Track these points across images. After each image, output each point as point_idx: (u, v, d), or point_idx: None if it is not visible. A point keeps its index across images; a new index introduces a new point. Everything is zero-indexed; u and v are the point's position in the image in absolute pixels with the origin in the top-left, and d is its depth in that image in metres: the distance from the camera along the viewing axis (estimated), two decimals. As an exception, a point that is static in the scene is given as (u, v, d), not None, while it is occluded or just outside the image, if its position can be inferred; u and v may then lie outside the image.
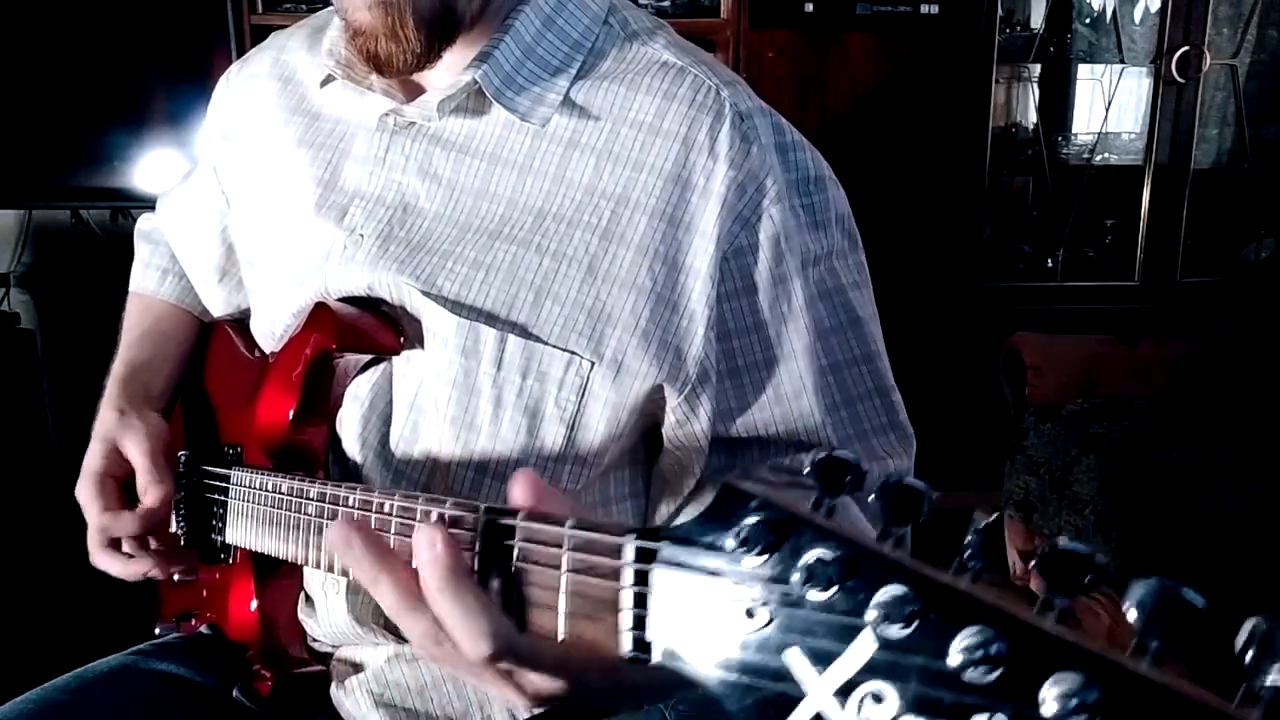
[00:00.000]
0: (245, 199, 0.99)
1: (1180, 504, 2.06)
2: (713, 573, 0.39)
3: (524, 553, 0.53)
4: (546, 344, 0.77)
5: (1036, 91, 3.14)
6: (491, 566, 0.54)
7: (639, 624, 0.43)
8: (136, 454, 0.91)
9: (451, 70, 0.83)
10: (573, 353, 0.77)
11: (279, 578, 0.88)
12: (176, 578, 0.97)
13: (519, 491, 0.55)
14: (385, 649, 0.86)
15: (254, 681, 0.89)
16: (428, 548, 0.52)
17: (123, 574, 0.94)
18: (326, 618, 0.87)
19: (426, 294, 0.79)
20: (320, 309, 0.82)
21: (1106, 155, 3.15)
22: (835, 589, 0.34)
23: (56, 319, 2.80)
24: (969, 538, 0.34)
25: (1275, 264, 3.18)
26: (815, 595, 0.34)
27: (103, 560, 0.93)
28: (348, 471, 0.85)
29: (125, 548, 0.94)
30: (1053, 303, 3.08)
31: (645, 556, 0.42)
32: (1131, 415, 2.44)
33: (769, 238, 0.78)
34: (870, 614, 0.33)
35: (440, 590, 0.52)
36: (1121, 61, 3.07)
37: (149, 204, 1.16)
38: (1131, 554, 2.14)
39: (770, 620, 0.36)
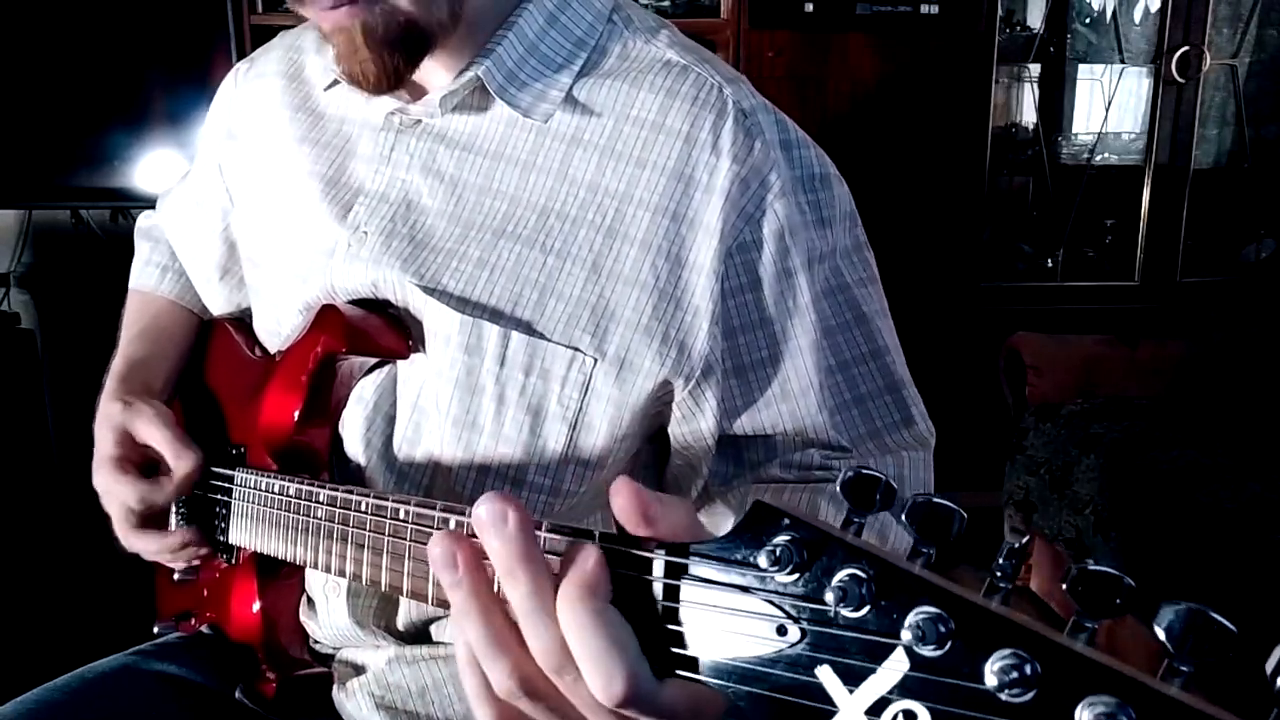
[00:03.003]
0: (249, 197, 0.99)
1: (1180, 504, 2.06)
2: (744, 589, 0.39)
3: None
4: (550, 340, 0.77)
5: (1036, 91, 3.14)
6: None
7: (670, 639, 0.43)
8: (154, 431, 0.90)
9: (453, 69, 0.83)
10: (576, 349, 0.77)
11: (281, 579, 0.88)
12: (177, 576, 0.97)
13: (622, 502, 0.46)
14: (386, 651, 0.87)
15: (258, 682, 0.89)
16: (579, 564, 0.46)
17: (160, 548, 0.92)
18: (328, 620, 0.88)
19: (429, 291, 0.79)
20: (328, 311, 0.82)
21: (1106, 155, 3.16)
22: (868, 607, 0.34)
23: (56, 319, 2.80)
24: (1000, 560, 0.34)
25: (1275, 264, 3.19)
26: (848, 613, 0.35)
27: (136, 540, 0.91)
28: (349, 473, 0.85)
29: (158, 522, 0.92)
30: (1053, 303, 3.09)
31: (675, 571, 0.43)
32: (1131, 415, 2.44)
33: (773, 232, 0.78)
34: (904, 634, 0.33)
35: (589, 612, 0.44)
36: (1121, 61, 3.08)
37: (149, 204, 1.16)
38: (1131, 554, 2.14)
39: (802, 637, 0.36)
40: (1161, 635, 0.31)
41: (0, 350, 2.50)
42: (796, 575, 0.37)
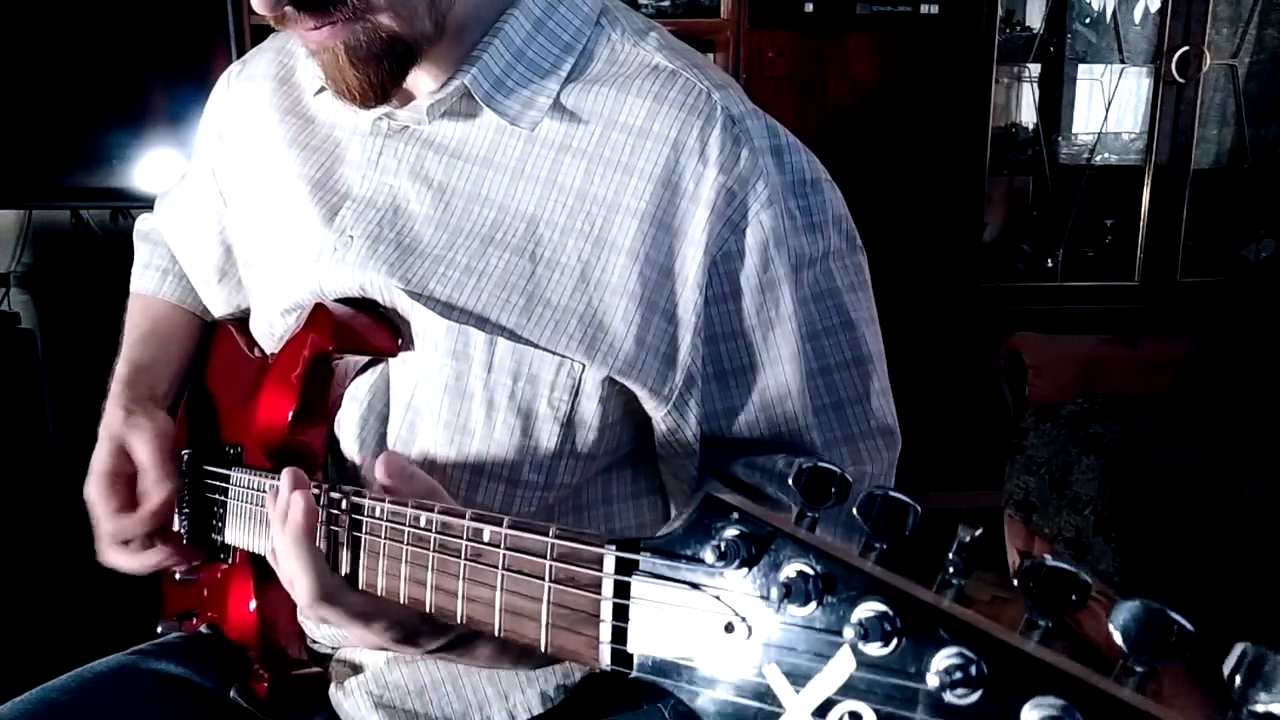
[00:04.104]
0: (241, 199, 0.98)
1: (1180, 504, 2.05)
2: (693, 585, 0.38)
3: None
4: (537, 347, 0.77)
5: (1036, 91, 3.13)
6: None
7: (619, 636, 0.42)
8: (143, 453, 0.92)
9: (441, 75, 0.82)
10: (564, 356, 0.77)
11: (278, 578, 0.88)
12: (179, 576, 0.97)
13: (379, 470, 0.69)
14: (385, 650, 0.86)
15: (251, 681, 0.89)
16: (292, 509, 0.68)
17: (133, 569, 0.95)
18: None
19: (415, 297, 0.78)
20: (318, 310, 0.82)
21: (1106, 155, 3.15)
22: (814, 605, 0.33)
23: (56, 319, 2.80)
24: (951, 555, 0.33)
25: (1275, 264, 3.18)
26: (794, 610, 0.34)
27: (113, 557, 0.94)
28: (346, 472, 0.84)
29: (134, 545, 0.94)
30: (1053, 303, 3.08)
31: (626, 568, 0.42)
32: (1131, 415, 2.43)
33: (757, 243, 0.78)
34: (849, 631, 0.32)
35: (291, 545, 0.68)
36: (1121, 61, 3.07)
37: (149, 204, 1.16)
38: (1131, 554, 2.13)
39: (749, 635, 0.35)
40: (1116, 635, 0.30)
41: (0, 350, 2.49)
42: (744, 570, 0.36)
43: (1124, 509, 2.18)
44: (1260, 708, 0.27)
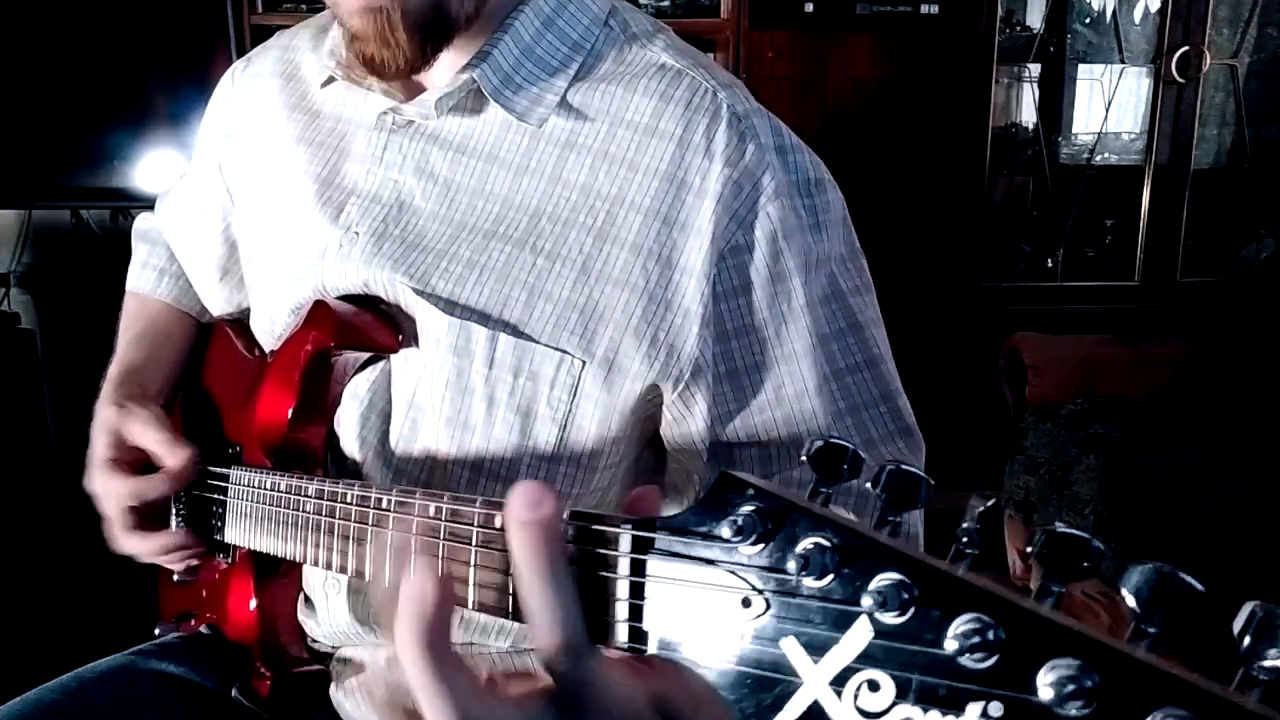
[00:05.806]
0: (248, 196, 0.99)
1: (1180, 504, 2.05)
2: (709, 561, 0.38)
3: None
4: (538, 343, 0.77)
5: (1036, 91, 3.14)
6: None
7: (635, 614, 0.42)
8: (146, 433, 0.90)
9: (450, 69, 0.83)
10: (564, 352, 0.77)
11: (278, 577, 0.87)
12: (177, 577, 0.97)
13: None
14: (386, 649, 0.86)
15: (253, 680, 0.89)
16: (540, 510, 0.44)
17: (150, 550, 0.92)
18: (327, 618, 0.87)
19: (419, 292, 0.79)
20: (319, 307, 0.82)
21: (1106, 155, 3.15)
22: (831, 576, 0.34)
23: (56, 319, 2.80)
24: (965, 524, 0.33)
25: (1275, 264, 3.18)
26: (811, 583, 0.34)
27: (128, 541, 0.91)
28: (346, 470, 0.84)
29: (148, 524, 0.92)
30: (1053, 303, 3.08)
31: (641, 546, 0.42)
32: (1131, 415, 2.44)
33: (766, 236, 0.78)
34: (866, 601, 0.33)
35: (544, 570, 0.43)
36: (1121, 61, 3.07)
37: (149, 204, 1.16)
38: (1132, 554, 2.13)
39: (766, 608, 0.36)
40: (1129, 598, 0.30)
41: (0, 350, 2.50)
42: (760, 546, 0.36)
43: (1124, 509, 2.19)
44: (1270, 662, 0.27)
